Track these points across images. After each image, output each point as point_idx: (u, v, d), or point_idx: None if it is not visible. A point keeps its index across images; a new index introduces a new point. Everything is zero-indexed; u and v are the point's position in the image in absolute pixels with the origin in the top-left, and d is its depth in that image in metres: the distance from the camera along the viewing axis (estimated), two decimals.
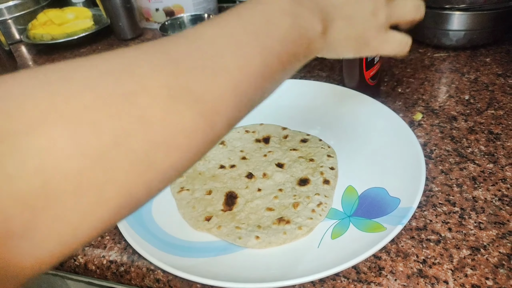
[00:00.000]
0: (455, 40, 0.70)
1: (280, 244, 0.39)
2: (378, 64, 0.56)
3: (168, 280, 0.38)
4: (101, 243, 0.42)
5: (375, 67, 0.56)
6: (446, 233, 0.39)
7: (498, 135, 0.50)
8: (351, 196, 0.43)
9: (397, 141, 0.47)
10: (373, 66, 0.56)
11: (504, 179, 0.44)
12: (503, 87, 0.60)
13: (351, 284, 0.35)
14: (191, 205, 0.44)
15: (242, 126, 0.57)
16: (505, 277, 0.34)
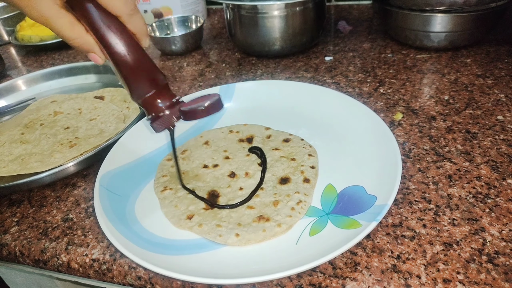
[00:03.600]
0: (437, 42, 0.71)
1: (259, 241, 0.40)
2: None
3: (150, 277, 0.39)
4: (84, 242, 0.43)
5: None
6: (420, 229, 0.40)
7: (475, 134, 0.52)
8: (331, 194, 0.44)
9: (376, 141, 0.48)
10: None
11: (479, 177, 0.45)
12: (482, 88, 0.61)
13: (327, 279, 0.36)
14: (173, 204, 0.45)
15: (227, 127, 0.58)
16: (475, 271, 0.35)
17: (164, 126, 0.43)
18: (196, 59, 0.85)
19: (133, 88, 0.40)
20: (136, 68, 0.39)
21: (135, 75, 0.39)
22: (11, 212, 0.49)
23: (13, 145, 0.59)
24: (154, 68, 0.40)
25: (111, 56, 0.37)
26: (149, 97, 0.41)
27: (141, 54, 0.39)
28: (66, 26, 0.34)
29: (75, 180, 0.53)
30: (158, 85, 0.41)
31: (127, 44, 0.37)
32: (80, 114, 0.66)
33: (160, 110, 0.42)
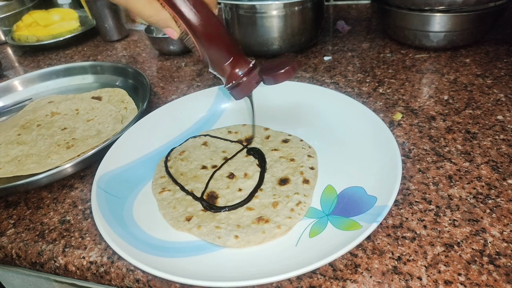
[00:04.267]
0: (436, 42, 0.71)
1: (258, 243, 0.39)
2: None
3: (148, 280, 0.38)
4: (82, 244, 0.43)
5: None
6: (421, 230, 0.39)
7: (475, 134, 0.52)
8: (330, 195, 0.44)
9: (376, 141, 0.48)
10: None
11: (479, 177, 0.45)
12: (481, 87, 0.61)
13: (327, 282, 0.36)
14: (172, 206, 0.45)
15: (225, 127, 0.58)
16: (477, 273, 0.35)
17: (244, 94, 0.45)
18: (194, 59, 0.85)
19: (213, 56, 0.42)
20: (215, 36, 0.40)
21: (215, 43, 0.41)
22: (7, 214, 0.49)
23: (10, 146, 0.58)
24: (230, 35, 0.42)
25: (190, 28, 0.39)
26: (228, 65, 0.43)
27: (217, 23, 0.40)
28: (144, 4, 0.36)
29: (72, 181, 0.52)
30: (235, 52, 0.42)
31: (204, 14, 0.39)
32: (78, 114, 0.66)
33: (239, 77, 0.43)
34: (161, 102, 0.68)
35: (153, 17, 0.37)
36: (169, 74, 0.79)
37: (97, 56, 0.94)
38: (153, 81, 0.77)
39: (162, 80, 0.77)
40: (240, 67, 0.43)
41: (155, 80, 0.77)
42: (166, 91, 0.72)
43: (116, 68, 0.77)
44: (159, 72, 0.80)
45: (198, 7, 0.39)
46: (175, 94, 0.71)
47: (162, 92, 0.72)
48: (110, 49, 0.97)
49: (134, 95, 0.69)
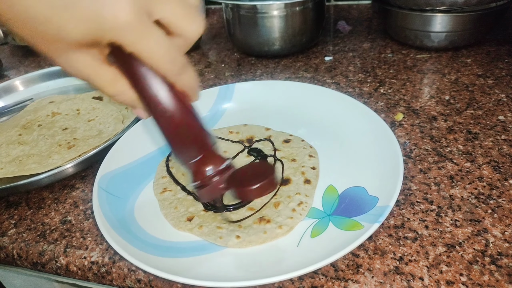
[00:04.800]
0: (437, 42, 0.71)
1: (260, 243, 0.39)
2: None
3: (149, 280, 0.38)
4: (83, 244, 0.43)
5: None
6: (423, 230, 0.39)
7: (476, 134, 0.52)
8: (332, 195, 0.44)
9: (377, 141, 0.48)
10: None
11: (481, 177, 0.45)
12: (482, 88, 0.61)
13: (329, 282, 0.36)
14: (173, 206, 0.45)
15: (226, 127, 0.58)
16: (478, 273, 0.35)
17: (211, 197, 0.38)
18: (195, 59, 0.85)
19: (177, 153, 0.35)
20: (181, 132, 0.33)
21: (179, 139, 0.34)
22: (8, 214, 0.49)
23: (11, 146, 0.58)
24: (202, 131, 0.35)
25: (154, 118, 0.32)
26: (195, 163, 0.36)
27: (188, 116, 0.33)
28: (108, 82, 0.30)
29: (74, 181, 0.52)
30: (206, 149, 0.36)
31: (172, 106, 0.31)
32: (79, 115, 0.66)
33: (207, 178, 0.36)
34: None
35: (118, 96, 0.31)
36: None
37: None
38: None
39: None
40: (210, 167, 0.36)
41: None
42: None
43: None
44: None
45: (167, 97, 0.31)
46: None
47: None
48: None
49: None
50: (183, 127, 0.33)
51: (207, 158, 0.36)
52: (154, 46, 0.27)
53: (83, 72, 0.29)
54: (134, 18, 0.25)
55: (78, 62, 0.28)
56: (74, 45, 0.26)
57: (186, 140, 0.34)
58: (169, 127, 0.32)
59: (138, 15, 0.25)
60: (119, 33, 0.25)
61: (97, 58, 0.28)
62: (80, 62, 0.28)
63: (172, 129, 0.33)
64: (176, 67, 0.29)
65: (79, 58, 0.27)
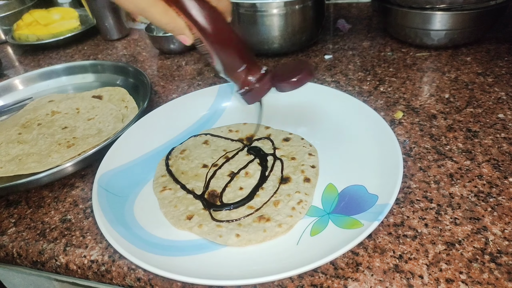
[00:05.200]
0: (437, 40, 0.71)
1: (260, 241, 0.39)
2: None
3: (149, 278, 0.38)
4: (83, 243, 0.43)
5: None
6: (422, 229, 0.39)
7: (476, 132, 0.51)
8: (331, 193, 0.44)
9: (377, 140, 0.48)
10: None
11: (481, 175, 0.45)
12: (482, 86, 0.61)
13: (328, 280, 0.36)
14: (173, 204, 0.45)
15: (226, 126, 0.58)
16: (478, 271, 0.35)
17: (256, 99, 0.46)
18: (195, 58, 0.85)
19: (227, 63, 0.42)
20: (229, 44, 0.41)
21: (229, 50, 0.41)
22: (8, 213, 0.49)
23: (10, 145, 0.58)
24: (244, 43, 0.42)
25: (205, 36, 0.40)
26: (241, 72, 0.43)
27: (231, 31, 0.41)
28: (160, 13, 0.36)
29: (73, 180, 0.52)
30: (248, 59, 0.43)
31: (218, 23, 0.39)
32: (78, 113, 0.65)
33: (251, 84, 0.44)
34: (161, 101, 0.68)
35: (169, 25, 0.38)
36: (170, 73, 0.79)
37: (98, 55, 0.94)
38: (154, 80, 0.77)
39: (163, 79, 0.77)
40: (253, 74, 0.44)
41: (155, 79, 0.77)
42: (167, 90, 0.72)
43: (117, 67, 0.76)
44: (159, 71, 0.80)
45: (212, 15, 0.39)
46: (175, 93, 0.71)
47: (162, 91, 0.72)
48: (111, 48, 0.97)
49: (135, 94, 0.69)
50: (230, 41, 0.41)
51: (249, 67, 0.43)
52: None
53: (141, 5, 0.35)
54: None
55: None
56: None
57: (234, 52, 0.42)
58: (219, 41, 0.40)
59: None
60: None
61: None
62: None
63: (222, 43, 0.40)
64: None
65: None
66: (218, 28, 0.40)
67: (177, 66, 0.82)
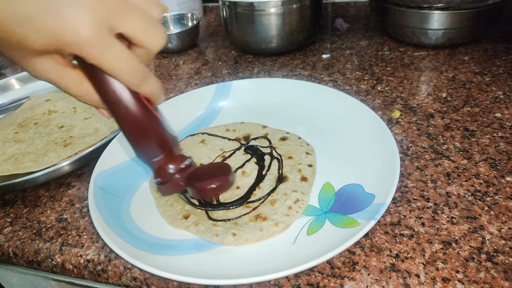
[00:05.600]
0: (434, 39, 0.71)
1: (256, 241, 0.39)
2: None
3: (145, 278, 0.38)
4: (79, 242, 0.42)
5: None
6: (419, 228, 0.39)
7: (473, 132, 0.51)
8: (328, 192, 0.44)
9: (374, 139, 0.48)
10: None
11: (478, 174, 0.45)
12: (479, 85, 0.61)
13: (325, 279, 0.36)
14: (169, 204, 0.45)
15: (223, 125, 0.58)
16: (474, 270, 0.35)
17: (172, 192, 0.39)
18: (192, 57, 0.84)
19: (138, 152, 0.36)
20: (142, 134, 0.35)
21: (140, 141, 0.35)
22: (4, 212, 0.48)
23: (7, 145, 0.58)
24: (163, 132, 0.36)
25: (116, 121, 0.33)
26: (156, 162, 0.37)
27: (149, 120, 0.34)
28: (72, 85, 0.31)
29: (70, 179, 0.52)
30: (167, 149, 0.37)
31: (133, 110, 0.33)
32: (75, 113, 0.65)
33: (168, 176, 0.38)
34: None
35: (83, 97, 0.32)
36: (167, 72, 0.79)
37: None
38: None
39: (160, 78, 0.77)
40: (171, 166, 0.37)
41: None
42: (164, 89, 0.72)
43: None
44: (156, 70, 0.80)
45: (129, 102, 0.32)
46: (173, 92, 0.71)
47: None
48: None
49: None
50: (144, 130, 0.34)
51: (168, 158, 0.37)
52: (115, 60, 0.27)
53: (48, 75, 0.29)
54: (94, 33, 0.25)
55: (42, 67, 0.28)
56: (37, 53, 0.27)
57: (147, 142, 0.35)
58: (131, 130, 0.34)
59: (98, 30, 0.25)
60: (80, 47, 0.26)
61: (60, 63, 0.29)
62: (44, 66, 0.28)
63: (134, 131, 0.34)
64: (137, 78, 0.30)
65: (43, 63, 0.28)
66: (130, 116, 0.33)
67: (175, 65, 0.81)
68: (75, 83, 0.31)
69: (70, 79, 0.30)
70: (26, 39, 0.25)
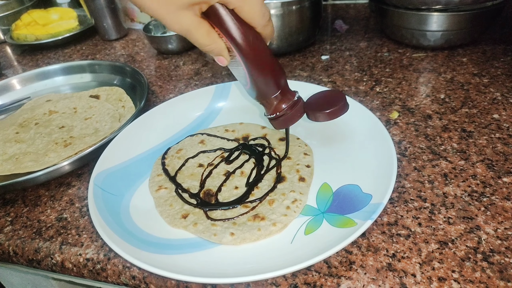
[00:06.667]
0: (433, 41, 0.71)
1: (254, 240, 0.39)
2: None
3: (144, 277, 0.39)
4: (78, 241, 0.43)
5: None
6: (416, 228, 0.40)
7: (471, 133, 0.52)
8: (326, 193, 0.44)
9: (372, 140, 0.48)
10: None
11: (475, 175, 0.45)
12: (477, 87, 0.61)
13: (322, 278, 0.36)
14: (168, 203, 0.45)
15: (222, 126, 0.58)
16: (470, 270, 0.35)
17: (285, 125, 0.45)
18: (192, 58, 0.85)
19: (262, 88, 0.42)
20: (267, 70, 0.40)
21: (266, 77, 0.41)
22: (4, 211, 0.49)
23: (8, 145, 0.58)
24: (280, 70, 0.42)
25: (245, 60, 0.39)
26: (274, 98, 0.43)
27: (270, 57, 0.40)
28: (204, 34, 0.36)
29: (70, 179, 0.53)
30: (282, 85, 0.43)
31: (259, 49, 0.39)
32: (75, 113, 0.66)
33: (283, 110, 0.43)
34: (158, 101, 0.68)
35: (210, 46, 0.38)
36: (167, 73, 0.79)
37: (96, 55, 0.94)
38: (151, 79, 0.77)
39: (160, 78, 0.77)
40: (286, 101, 0.43)
41: (153, 78, 0.77)
42: (164, 90, 0.72)
43: (114, 66, 0.77)
44: (157, 71, 0.81)
45: (254, 41, 0.38)
46: (172, 93, 0.71)
47: (159, 91, 0.72)
48: (109, 48, 0.97)
49: (132, 93, 0.69)
50: (268, 68, 0.40)
51: (282, 94, 0.43)
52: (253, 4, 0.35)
53: (187, 26, 0.35)
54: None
55: (183, 19, 0.34)
56: (184, 6, 0.33)
57: (270, 79, 0.41)
58: (258, 68, 0.40)
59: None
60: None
61: (197, 14, 0.35)
62: (185, 18, 0.34)
63: (260, 70, 0.40)
64: (265, 20, 0.37)
65: (185, 15, 0.34)
66: (258, 54, 0.39)
67: (175, 66, 0.82)
68: (206, 32, 0.36)
69: (203, 29, 0.36)
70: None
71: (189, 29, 0.36)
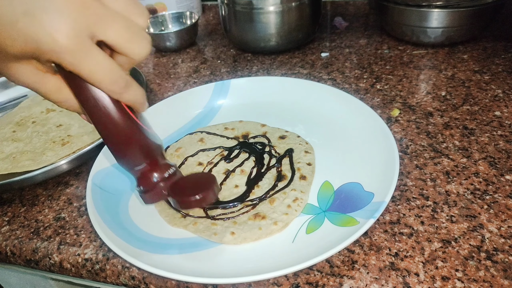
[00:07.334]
0: (433, 38, 0.71)
1: (255, 239, 0.39)
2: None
3: (144, 277, 0.38)
4: (77, 241, 0.42)
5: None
6: (418, 226, 0.39)
7: (473, 130, 0.51)
8: (327, 191, 0.44)
9: (373, 138, 0.48)
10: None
11: (477, 173, 0.45)
12: (479, 83, 0.61)
13: (324, 278, 0.36)
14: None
15: (222, 123, 0.57)
16: (474, 268, 0.35)
17: (155, 200, 0.38)
18: (191, 56, 0.84)
19: (120, 161, 0.35)
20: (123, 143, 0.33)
21: (121, 150, 0.34)
22: (2, 211, 0.48)
23: (4, 143, 0.58)
24: (147, 140, 0.34)
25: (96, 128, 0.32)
26: (139, 170, 0.36)
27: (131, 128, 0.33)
28: (51, 91, 0.30)
29: (68, 178, 0.52)
30: (150, 157, 0.35)
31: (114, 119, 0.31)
32: None
33: (151, 184, 0.36)
34: (157, 99, 0.68)
35: (63, 103, 0.31)
36: (166, 70, 0.79)
37: None
38: (149, 77, 0.76)
39: (158, 76, 0.76)
40: (154, 174, 0.36)
41: (151, 76, 0.77)
42: (163, 88, 0.72)
43: None
44: (155, 69, 0.80)
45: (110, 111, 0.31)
46: (171, 91, 0.70)
47: (158, 89, 0.72)
48: None
49: None
50: (125, 138, 0.33)
51: (151, 166, 0.36)
52: (94, 68, 0.26)
53: (26, 81, 0.29)
54: (72, 41, 0.24)
55: (19, 72, 0.28)
56: (14, 58, 0.26)
57: (129, 150, 0.34)
58: (111, 138, 0.32)
59: (77, 37, 0.24)
60: (57, 54, 0.25)
61: (39, 69, 0.29)
62: (21, 72, 0.28)
63: (114, 140, 0.33)
64: (118, 87, 0.29)
65: (20, 69, 0.27)
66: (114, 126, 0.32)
67: (173, 63, 0.81)
68: (54, 89, 0.30)
69: (49, 85, 0.30)
70: (2, 43, 0.25)
71: (28, 83, 0.29)
